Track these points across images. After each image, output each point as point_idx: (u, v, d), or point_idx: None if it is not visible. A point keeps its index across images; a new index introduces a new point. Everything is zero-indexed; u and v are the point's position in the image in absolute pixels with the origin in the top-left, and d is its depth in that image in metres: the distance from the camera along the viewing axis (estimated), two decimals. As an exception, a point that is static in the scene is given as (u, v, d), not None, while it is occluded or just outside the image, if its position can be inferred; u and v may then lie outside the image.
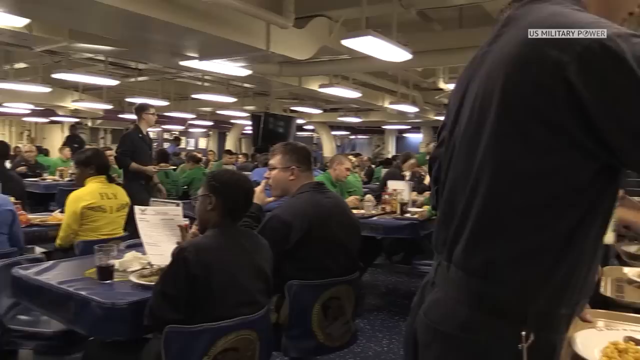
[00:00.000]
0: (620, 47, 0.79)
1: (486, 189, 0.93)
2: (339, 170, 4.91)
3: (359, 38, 4.25)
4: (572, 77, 0.81)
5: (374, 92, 10.65)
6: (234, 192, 2.02)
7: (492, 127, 0.91)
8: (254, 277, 1.98)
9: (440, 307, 1.00)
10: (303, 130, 19.50)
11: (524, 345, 0.89)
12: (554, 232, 0.89)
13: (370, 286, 5.46)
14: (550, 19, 0.90)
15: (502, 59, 0.92)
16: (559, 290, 0.92)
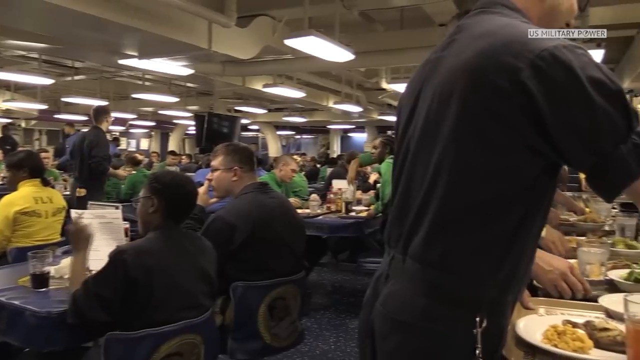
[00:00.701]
0: (567, 56, 0.88)
1: (445, 186, 0.98)
2: (285, 171, 4.91)
3: (302, 38, 4.26)
4: (527, 82, 0.88)
5: (318, 92, 10.70)
6: (177, 194, 1.98)
7: (450, 128, 0.97)
8: (197, 280, 1.95)
9: (398, 299, 1.04)
10: (248, 130, 19.37)
11: (478, 330, 0.95)
12: (504, 225, 0.96)
13: (316, 285, 5.49)
14: (504, 29, 0.98)
15: (460, 65, 0.98)
16: (508, 278, 0.99)
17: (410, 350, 1.02)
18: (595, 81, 0.88)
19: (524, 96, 0.89)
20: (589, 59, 0.90)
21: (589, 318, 1.21)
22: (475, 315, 0.96)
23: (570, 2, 1.11)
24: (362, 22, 5.93)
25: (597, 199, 3.88)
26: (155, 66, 6.01)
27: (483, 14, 1.06)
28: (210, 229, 2.32)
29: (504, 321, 1.03)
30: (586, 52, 0.91)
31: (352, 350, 3.78)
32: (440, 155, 0.99)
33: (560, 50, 0.89)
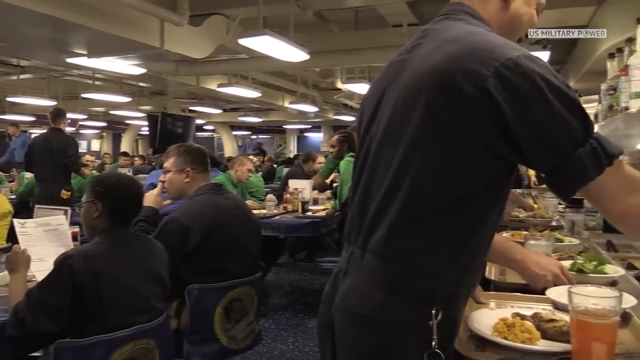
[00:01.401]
0: (530, 65, 0.94)
1: (408, 186, 1.01)
2: (241, 172, 4.87)
3: (256, 37, 4.24)
4: (491, 88, 0.93)
5: (274, 91, 10.66)
6: (121, 197, 1.93)
7: (415, 129, 1.00)
8: (149, 282, 1.91)
9: (357, 293, 1.07)
10: (203, 130, 19.12)
11: (434, 322, 0.98)
12: (461, 222, 1.01)
13: (274, 285, 5.48)
14: (470, 36, 1.02)
15: (426, 69, 1.01)
16: (462, 272, 1.03)
17: (368, 342, 1.04)
18: (555, 89, 0.93)
19: (489, 102, 0.93)
20: (548, 69, 0.95)
21: (537, 310, 1.24)
22: (432, 308, 0.99)
23: (530, 14, 1.16)
24: (316, 22, 5.96)
25: (545, 196, 4.03)
26: (106, 65, 5.86)
27: (448, 20, 1.11)
28: (164, 231, 2.28)
29: (457, 314, 1.06)
30: (546, 63, 0.97)
31: (311, 349, 3.79)
32: (404, 155, 1.02)
33: (523, 60, 0.94)
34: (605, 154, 0.93)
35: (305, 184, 5.08)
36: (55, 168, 5.54)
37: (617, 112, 1.88)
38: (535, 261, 1.40)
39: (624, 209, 0.98)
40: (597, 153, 0.93)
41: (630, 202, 0.97)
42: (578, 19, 6.15)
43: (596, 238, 2.23)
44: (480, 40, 1.00)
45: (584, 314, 0.94)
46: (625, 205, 0.97)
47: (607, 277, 1.57)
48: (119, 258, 1.85)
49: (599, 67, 2.59)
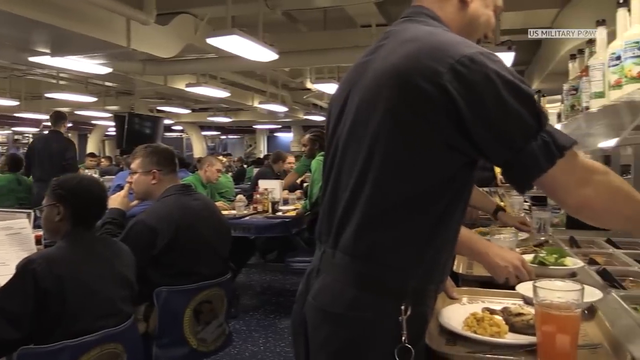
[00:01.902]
0: (484, 62, 0.97)
1: (372, 183, 1.03)
2: (210, 172, 4.83)
3: (225, 37, 4.21)
4: (447, 85, 0.96)
5: (243, 91, 10.59)
6: (84, 199, 1.89)
7: (377, 128, 1.03)
8: (115, 285, 1.88)
9: (329, 291, 1.09)
10: (172, 131, 18.88)
11: (403, 317, 1.01)
12: (426, 217, 1.03)
13: (244, 286, 5.45)
14: (427, 36, 1.05)
15: (386, 68, 1.04)
16: (430, 268, 1.06)
17: (340, 339, 1.06)
18: (509, 84, 0.96)
19: (446, 98, 0.96)
20: (503, 65, 0.98)
21: (507, 304, 1.27)
22: (401, 303, 1.01)
23: (488, 15, 1.20)
24: (285, 22, 5.94)
25: (511, 194, 4.10)
26: (70, 64, 5.72)
27: (409, 22, 1.14)
28: (131, 234, 2.24)
29: (427, 309, 1.08)
30: (500, 59, 1.00)
31: (282, 350, 3.78)
32: (368, 153, 1.04)
33: (477, 56, 0.97)
34: (556, 145, 0.96)
35: (275, 184, 5.07)
36: (54, 169, 5.60)
37: (578, 112, 1.93)
38: (498, 253, 1.44)
39: (578, 201, 1.01)
40: (548, 145, 0.96)
41: (583, 193, 0.99)
42: (542, 21, 6.29)
43: (560, 234, 2.29)
44: (437, 40, 1.03)
45: (548, 307, 0.96)
46: (578, 197, 1.00)
47: (567, 269, 1.63)
48: (83, 261, 1.81)
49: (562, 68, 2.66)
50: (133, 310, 1.98)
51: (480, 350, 1.04)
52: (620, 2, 1.43)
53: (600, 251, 2.02)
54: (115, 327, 1.80)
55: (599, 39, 1.65)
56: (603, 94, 1.55)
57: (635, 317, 1.21)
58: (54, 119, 6.24)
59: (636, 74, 1.29)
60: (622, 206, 1.04)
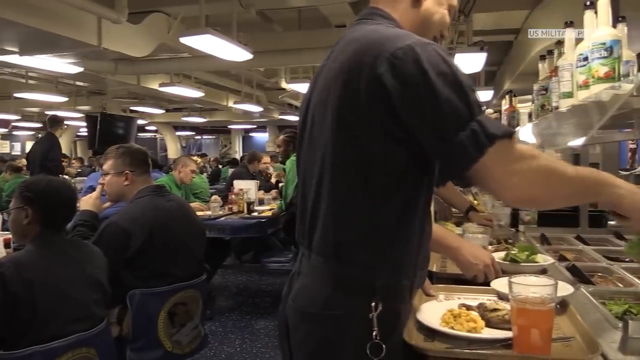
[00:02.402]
0: (418, 53, 0.97)
1: (330, 182, 1.06)
2: (184, 173, 4.78)
3: (198, 36, 4.17)
4: (382, 78, 0.98)
5: (218, 91, 10.52)
6: (53, 201, 1.85)
7: (329, 128, 1.06)
8: (87, 289, 1.84)
9: (306, 292, 1.12)
10: (145, 131, 18.64)
11: (374, 314, 1.02)
12: (387, 213, 1.04)
13: (220, 288, 5.41)
14: (369, 33, 1.08)
15: (334, 69, 1.08)
16: (398, 263, 1.07)
17: (317, 338, 1.09)
18: (441, 73, 0.96)
19: (382, 90, 0.98)
20: (438, 55, 0.98)
21: (482, 300, 1.29)
22: (371, 300, 1.03)
23: (442, 13, 1.21)
24: (260, 21, 5.92)
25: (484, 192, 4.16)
26: (39, 63, 5.61)
27: (361, 24, 1.17)
28: (104, 236, 2.20)
29: (400, 305, 1.09)
30: (437, 48, 1.00)
31: (259, 351, 3.76)
32: (323, 153, 1.08)
33: (412, 48, 0.98)
34: (486, 135, 0.95)
35: (250, 185, 5.04)
36: (42, 170, 6.15)
37: (548, 111, 1.97)
38: (470, 251, 1.46)
39: (511, 195, 1.00)
40: (477, 134, 0.94)
41: (516, 189, 0.98)
42: (513, 22, 6.40)
43: (531, 232, 2.33)
44: (377, 36, 1.05)
45: (524, 302, 0.98)
46: (512, 192, 0.99)
47: (538, 266, 1.67)
48: (53, 265, 1.78)
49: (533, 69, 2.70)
50: (106, 313, 1.95)
51: (458, 346, 1.05)
52: (587, 4, 1.46)
53: (570, 248, 2.06)
54: (87, 331, 1.77)
55: (567, 40, 1.68)
56: (572, 94, 1.59)
57: (604, 312, 1.24)
58: (50, 123, 6.73)
59: (603, 74, 1.32)
60: (558, 187, 1.02)
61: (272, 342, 3.89)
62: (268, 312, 4.58)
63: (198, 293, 2.43)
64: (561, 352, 1.01)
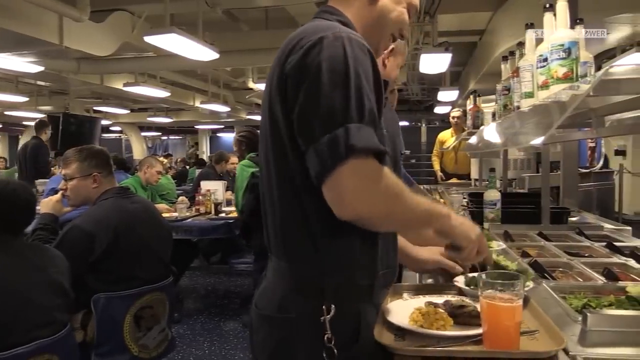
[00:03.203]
0: (323, 45, 0.93)
1: (275, 180, 1.06)
2: (150, 174, 4.71)
3: (163, 35, 4.12)
4: (287, 69, 0.96)
5: (184, 91, 10.40)
6: (10, 205, 1.80)
7: (267, 126, 1.05)
8: (49, 294, 1.80)
9: (266, 295, 1.12)
10: (110, 132, 18.28)
11: (325, 317, 1.00)
12: (320, 215, 1.00)
13: (188, 290, 5.35)
14: (302, 29, 1.04)
15: (270, 71, 1.07)
16: (352, 264, 1.05)
17: (273, 340, 1.07)
18: (335, 71, 0.91)
19: (285, 82, 0.97)
20: (343, 50, 0.92)
21: (447, 298, 1.30)
22: (322, 303, 1.00)
23: (399, 11, 1.17)
24: (226, 21, 5.88)
25: (450, 192, 4.23)
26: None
27: (311, 21, 1.13)
28: (66, 240, 2.15)
29: (359, 306, 1.07)
30: (348, 44, 0.93)
31: (227, 353, 3.74)
32: (266, 154, 1.07)
33: (321, 40, 0.94)
34: (346, 145, 0.87)
35: (218, 185, 5.00)
36: (29, 172, 6.60)
37: (511, 111, 2.01)
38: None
39: (348, 213, 0.92)
40: (337, 142, 0.88)
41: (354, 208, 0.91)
42: (477, 24, 6.52)
43: (495, 229, 2.38)
44: (305, 30, 1.01)
45: (493, 298, 1.00)
46: (349, 210, 0.91)
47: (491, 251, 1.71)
48: (12, 270, 1.73)
49: (496, 69, 2.76)
50: (69, 318, 1.91)
51: (428, 344, 1.06)
52: (546, 6, 1.49)
53: (533, 244, 2.11)
54: (49, 337, 1.73)
55: (527, 41, 1.72)
56: (532, 94, 1.63)
57: (564, 307, 1.27)
58: (36, 126, 7.10)
59: (562, 75, 1.36)
60: (397, 213, 0.99)
61: (242, 343, 3.87)
62: (237, 313, 4.55)
63: (165, 296, 2.40)
64: (528, 345, 1.03)
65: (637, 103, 1.58)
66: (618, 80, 1.09)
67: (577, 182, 3.40)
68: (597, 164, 8.98)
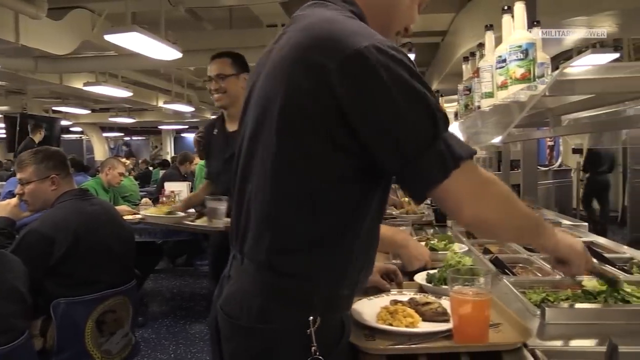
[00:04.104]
0: (376, 58, 0.87)
1: (270, 185, 0.97)
2: (112, 175, 4.62)
3: (124, 34, 4.05)
4: (334, 82, 0.87)
5: (147, 91, 10.25)
6: None
7: (271, 127, 0.95)
8: (5, 300, 1.74)
9: (237, 301, 1.02)
10: (70, 132, 17.84)
11: (312, 329, 0.94)
12: (328, 226, 0.96)
13: (153, 293, 5.27)
14: (322, 24, 0.95)
15: (279, 61, 0.96)
16: (338, 275, 0.99)
17: (251, 351, 1.00)
18: (403, 85, 0.88)
19: (331, 97, 0.88)
20: (401, 62, 0.89)
21: (412, 295, 1.32)
22: (309, 315, 0.95)
23: (412, 7, 1.11)
24: (190, 19, 5.81)
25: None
26: (-51, 61, 5.25)
27: (315, 6, 1.04)
28: (23, 244, 2.08)
29: (341, 315, 1.03)
30: (399, 54, 0.90)
31: (194, 356, 3.69)
32: (263, 154, 0.98)
33: (370, 51, 0.87)
34: (452, 157, 0.90)
35: (182, 186, 4.92)
36: None
37: (472, 110, 2.05)
38: (415, 247, 1.58)
39: (469, 216, 0.95)
40: (443, 156, 0.89)
41: (474, 210, 0.94)
42: (440, 25, 6.62)
43: (458, 227, 2.42)
44: (329, 29, 0.93)
45: (462, 293, 1.03)
46: (470, 213, 0.94)
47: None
48: None
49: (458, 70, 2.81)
50: (27, 325, 1.85)
51: (400, 342, 1.06)
52: (504, 8, 1.53)
53: (494, 241, 2.15)
54: (6, 345, 1.67)
55: (487, 42, 1.76)
56: (492, 94, 1.66)
57: (524, 301, 1.30)
58: (31, 127, 7.48)
59: (519, 75, 1.39)
60: (512, 217, 1.02)
61: (208, 346, 3.79)
62: (203, 316, 4.50)
63: (128, 299, 2.35)
64: (495, 338, 1.05)
65: (591, 103, 1.63)
66: (573, 81, 1.13)
67: (536, 179, 3.49)
68: (556, 162, 9.24)
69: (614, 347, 0.77)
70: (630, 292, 1.29)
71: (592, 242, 2.04)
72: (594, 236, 2.24)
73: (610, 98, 1.61)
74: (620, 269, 1.59)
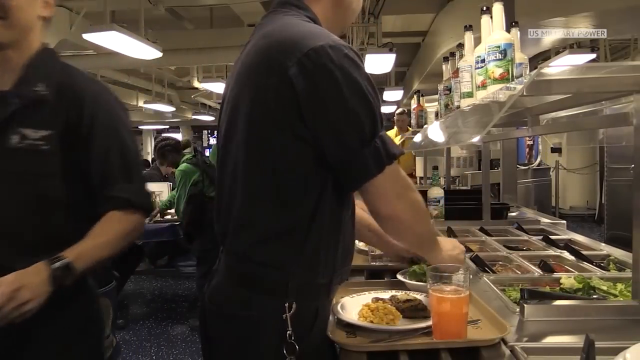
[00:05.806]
0: (330, 56, 0.97)
1: (242, 180, 1.06)
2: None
3: (103, 32, 3.99)
4: (293, 77, 0.97)
5: (127, 90, 10.12)
6: None
7: (242, 125, 1.05)
8: None
9: (221, 291, 1.12)
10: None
11: (287, 314, 1.02)
12: (299, 214, 1.04)
13: (134, 295, 5.23)
14: (282, 28, 1.05)
15: (245, 64, 1.07)
16: (312, 263, 1.06)
17: (233, 337, 1.08)
18: (352, 83, 0.98)
19: (290, 92, 0.97)
20: (352, 60, 0.99)
21: (393, 293, 1.33)
22: (284, 301, 1.03)
23: (358, 2, 1.21)
24: (170, 18, 5.77)
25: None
26: None
27: (274, 14, 1.14)
28: None
29: (317, 303, 1.10)
30: (351, 54, 1.00)
31: (175, 358, 3.67)
32: (236, 153, 1.07)
33: (325, 50, 0.97)
34: (387, 153, 1.00)
35: (163, 187, 4.89)
36: None
37: (452, 110, 2.07)
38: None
39: (389, 212, 1.07)
40: (379, 151, 1.00)
41: (395, 208, 1.06)
42: (420, 25, 6.67)
43: (439, 225, 2.43)
44: (289, 32, 1.03)
45: (441, 291, 1.04)
46: (391, 209, 1.06)
47: None
48: None
49: (439, 70, 2.83)
50: None
51: (380, 339, 1.07)
52: (483, 9, 1.54)
53: (475, 239, 2.18)
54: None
55: (466, 43, 1.77)
56: (472, 93, 1.68)
57: (503, 299, 1.32)
58: None
59: (498, 75, 1.41)
60: (421, 224, 1.15)
61: (190, 347, 3.80)
62: (185, 317, 4.47)
63: (107, 301, 2.32)
64: (473, 334, 1.07)
65: (569, 102, 1.66)
66: (550, 81, 1.14)
67: (516, 178, 3.53)
68: (535, 161, 9.37)
69: (591, 342, 0.78)
70: (607, 289, 1.32)
71: (570, 240, 2.07)
72: (572, 234, 2.27)
73: (587, 98, 1.64)
74: (597, 266, 1.61)
